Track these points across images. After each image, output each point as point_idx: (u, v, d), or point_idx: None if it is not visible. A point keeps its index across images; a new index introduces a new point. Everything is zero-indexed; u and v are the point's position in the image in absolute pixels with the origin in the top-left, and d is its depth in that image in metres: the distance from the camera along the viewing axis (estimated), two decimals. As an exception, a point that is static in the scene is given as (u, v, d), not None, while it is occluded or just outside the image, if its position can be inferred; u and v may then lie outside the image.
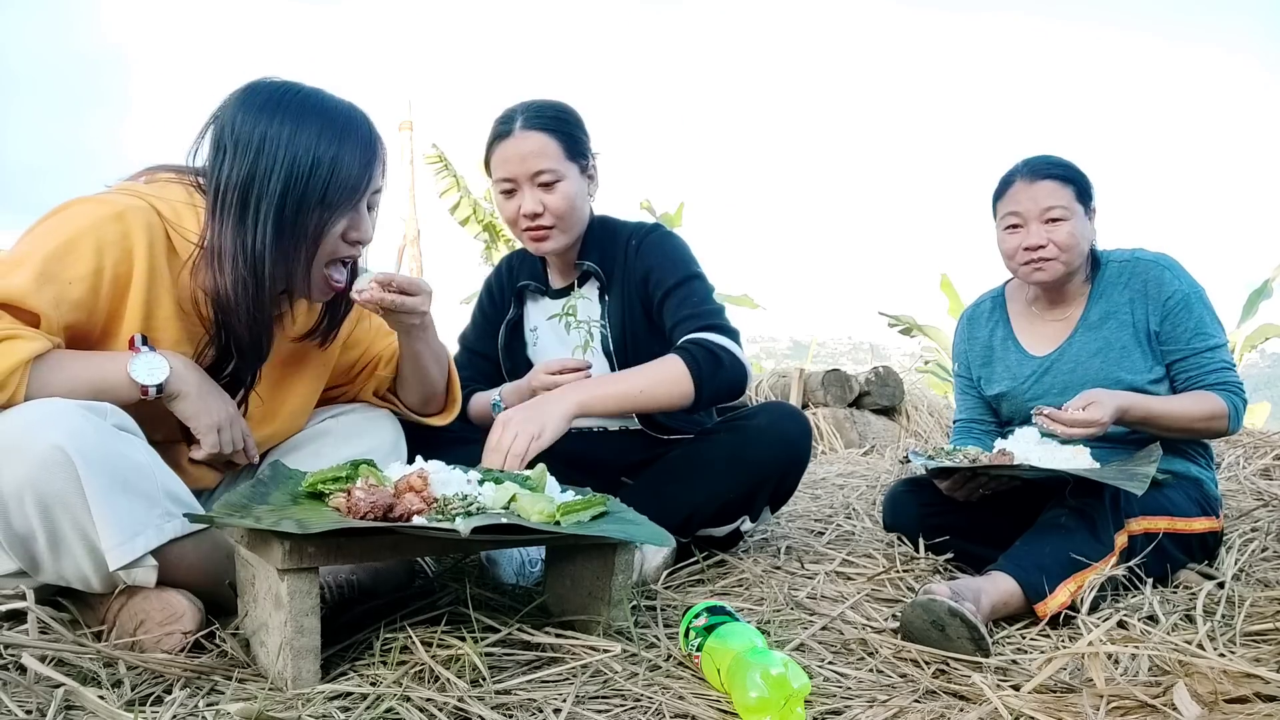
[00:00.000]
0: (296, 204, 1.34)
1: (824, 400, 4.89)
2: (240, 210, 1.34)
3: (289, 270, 1.38)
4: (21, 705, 1.06)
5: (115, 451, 1.21)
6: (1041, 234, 1.83)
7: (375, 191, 1.45)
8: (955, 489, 1.81)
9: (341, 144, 1.36)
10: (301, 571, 1.13)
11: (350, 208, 1.39)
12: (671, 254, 1.88)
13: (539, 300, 2.03)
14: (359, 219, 1.42)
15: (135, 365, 1.31)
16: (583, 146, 1.86)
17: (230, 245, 1.34)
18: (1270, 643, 1.36)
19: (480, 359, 2.08)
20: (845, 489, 2.96)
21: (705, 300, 1.82)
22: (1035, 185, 1.84)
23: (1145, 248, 1.92)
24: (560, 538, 1.27)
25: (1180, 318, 1.81)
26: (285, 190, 1.33)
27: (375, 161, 1.42)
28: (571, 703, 1.11)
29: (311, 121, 1.35)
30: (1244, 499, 2.51)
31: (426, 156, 10.38)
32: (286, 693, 1.11)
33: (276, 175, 1.33)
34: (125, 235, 1.31)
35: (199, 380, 1.38)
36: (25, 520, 1.17)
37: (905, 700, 1.16)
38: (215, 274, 1.35)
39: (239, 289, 1.35)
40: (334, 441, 1.61)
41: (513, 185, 1.82)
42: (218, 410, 1.40)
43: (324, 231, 1.38)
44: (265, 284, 1.36)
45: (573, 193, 1.82)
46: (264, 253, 1.34)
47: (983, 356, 2.07)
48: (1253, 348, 8.12)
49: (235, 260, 1.34)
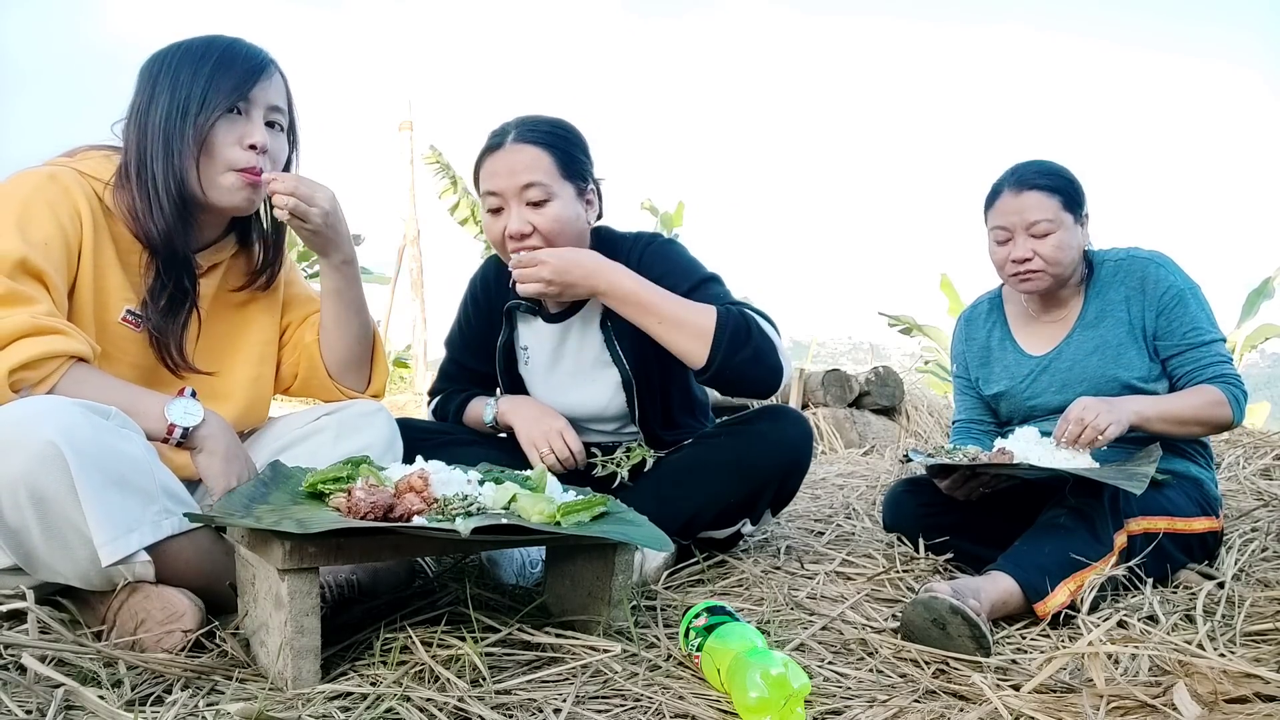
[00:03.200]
0: (181, 112, 1.44)
1: (824, 400, 4.89)
2: (139, 130, 1.46)
3: (181, 175, 1.45)
4: (21, 705, 1.05)
5: (111, 447, 1.21)
6: (1027, 247, 1.82)
7: (272, 108, 1.50)
8: (955, 488, 1.81)
9: (222, 58, 1.47)
10: (302, 571, 1.13)
11: (232, 108, 1.46)
12: (679, 259, 1.80)
13: (531, 321, 1.91)
14: (251, 127, 1.48)
15: (173, 405, 1.38)
16: (581, 167, 1.74)
17: (134, 160, 1.45)
18: (1270, 643, 1.36)
19: (469, 371, 2.03)
20: (845, 489, 2.96)
21: (726, 295, 1.73)
22: (1021, 197, 1.83)
23: (1140, 246, 1.92)
24: (560, 538, 1.27)
25: (1175, 313, 1.81)
26: (170, 102, 1.44)
27: (260, 72, 1.49)
28: (571, 703, 1.11)
29: (200, 48, 1.48)
30: (1244, 499, 2.51)
31: (425, 157, 10.39)
32: (286, 693, 1.11)
33: (165, 93, 1.45)
34: (66, 191, 1.41)
35: (228, 442, 1.44)
36: (19, 515, 1.17)
37: (905, 700, 1.16)
38: (123, 189, 1.46)
39: (143, 196, 1.44)
40: (330, 438, 1.61)
41: (499, 201, 1.69)
42: (236, 474, 1.44)
43: (205, 132, 1.44)
44: (167, 190, 1.44)
45: (565, 216, 1.68)
46: (156, 160, 1.44)
47: (980, 357, 2.07)
48: (1253, 348, 8.12)
49: (139, 171, 1.44)
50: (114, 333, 1.47)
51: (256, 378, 1.66)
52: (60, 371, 1.31)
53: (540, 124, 1.73)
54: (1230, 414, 1.75)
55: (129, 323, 1.48)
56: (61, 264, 1.38)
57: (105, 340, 1.45)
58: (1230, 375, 1.78)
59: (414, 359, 8.97)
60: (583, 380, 1.88)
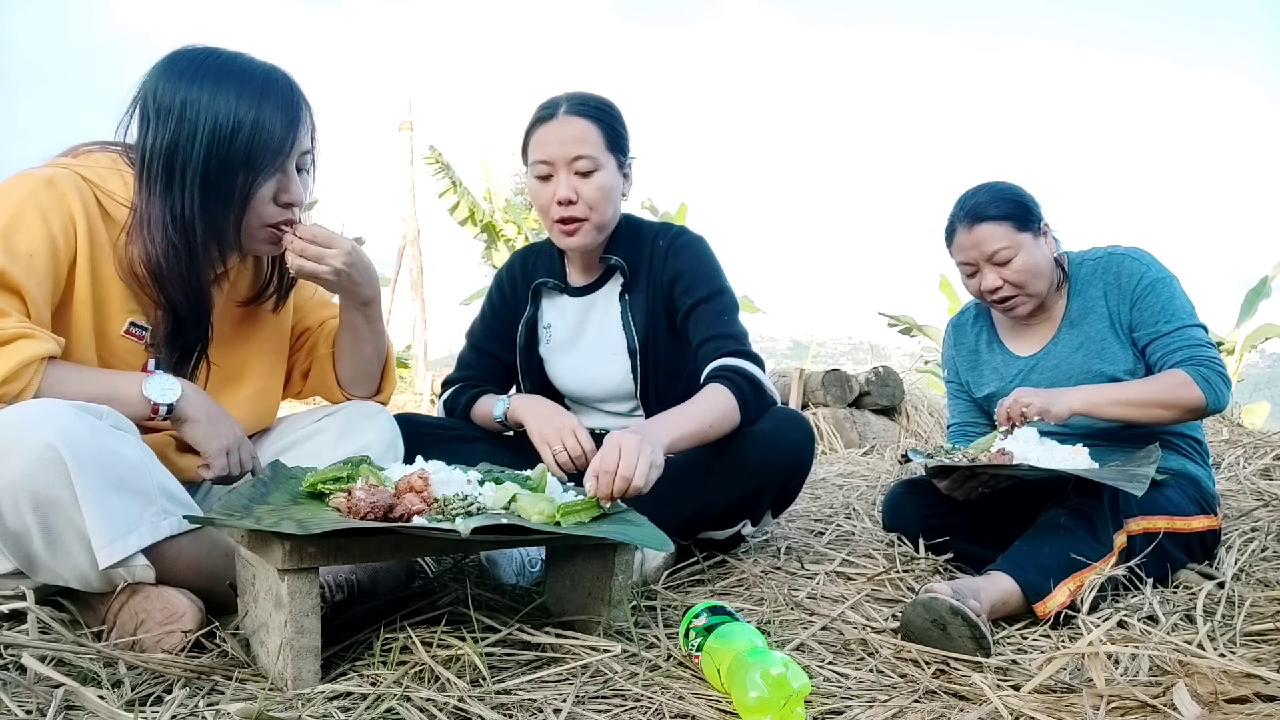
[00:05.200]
0: (220, 167, 1.35)
1: (824, 400, 4.89)
2: (166, 177, 1.35)
3: (219, 235, 1.39)
4: (21, 705, 1.05)
5: (109, 450, 1.21)
6: (994, 277, 1.85)
7: (304, 153, 1.45)
8: (954, 488, 1.81)
9: (262, 105, 1.37)
10: (302, 571, 1.13)
11: (276, 169, 1.40)
12: (704, 261, 1.88)
13: (556, 298, 2.01)
14: (288, 181, 1.43)
15: (149, 384, 1.36)
16: (623, 141, 1.84)
17: (159, 212, 1.36)
18: (1270, 643, 1.36)
19: (488, 358, 2.06)
20: (845, 489, 2.96)
21: (734, 321, 1.83)
22: (974, 231, 1.85)
23: (1119, 245, 1.93)
24: (560, 538, 1.27)
25: (1147, 302, 1.81)
26: (208, 154, 1.34)
27: (299, 122, 1.42)
28: (571, 703, 1.11)
29: (230, 84, 1.36)
30: (1244, 499, 2.51)
31: (425, 157, 10.39)
32: (286, 693, 1.11)
33: (199, 140, 1.34)
34: (62, 198, 1.34)
35: (207, 405, 1.43)
36: (20, 519, 1.17)
37: (905, 700, 1.16)
38: (146, 243, 1.37)
39: (170, 256, 1.37)
40: (331, 438, 1.61)
41: (549, 169, 1.78)
42: (226, 434, 1.43)
43: (250, 194, 1.39)
44: (196, 249, 1.38)
45: (609, 185, 1.80)
46: (193, 218, 1.36)
47: (970, 360, 2.08)
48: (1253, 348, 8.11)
49: (165, 227, 1.36)
50: (117, 345, 1.43)
51: (263, 390, 1.63)
52: (38, 376, 1.27)
53: (589, 99, 1.82)
54: (1199, 395, 1.70)
55: (133, 335, 1.44)
56: (46, 276, 1.32)
57: (107, 351, 1.42)
58: (1202, 358, 1.75)
59: (414, 359, 8.97)
60: (600, 354, 1.94)
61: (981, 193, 1.88)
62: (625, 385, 1.92)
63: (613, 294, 1.94)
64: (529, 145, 1.83)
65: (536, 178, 1.81)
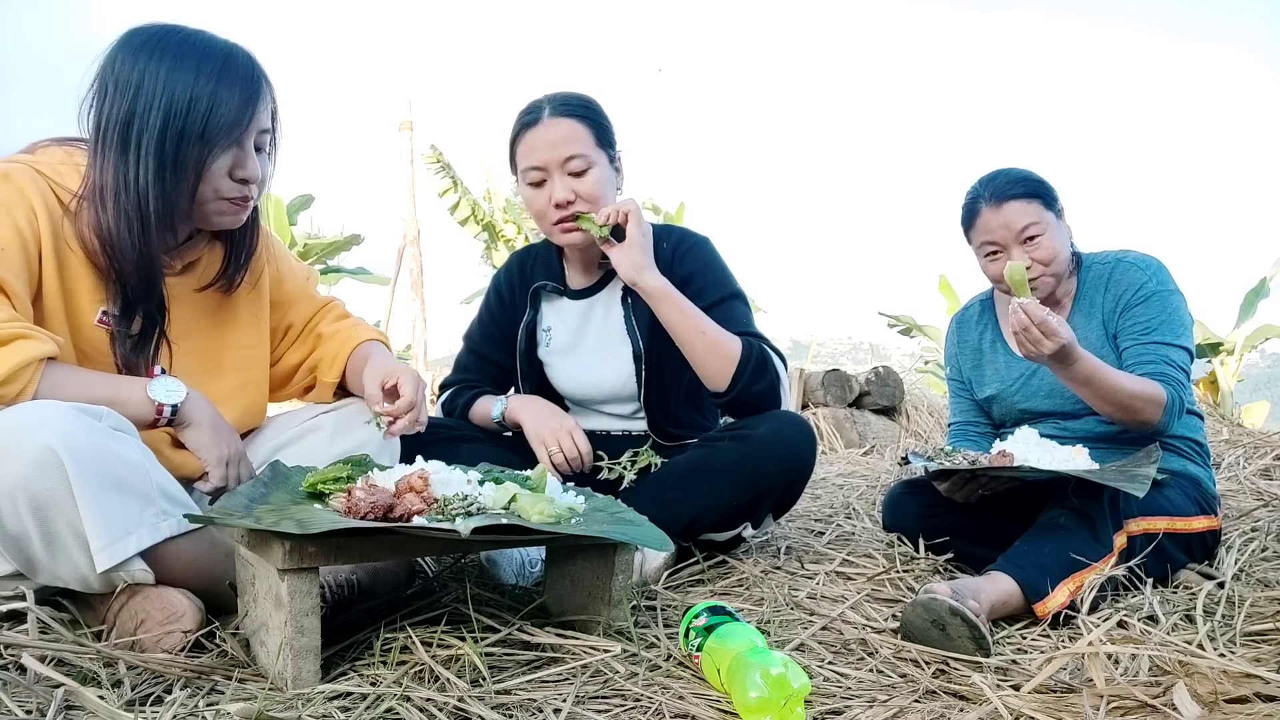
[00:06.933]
0: (176, 139, 1.34)
1: (824, 400, 4.89)
2: (121, 146, 1.34)
3: (171, 205, 1.38)
4: (21, 705, 1.06)
5: (108, 451, 1.21)
6: (1023, 256, 1.83)
7: (263, 131, 1.44)
8: (954, 490, 1.81)
9: (220, 81, 1.36)
10: (302, 571, 1.13)
11: (232, 143, 1.39)
12: (714, 265, 1.89)
13: (556, 301, 1.99)
14: (244, 156, 1.42)
15: (154, 385, 1.36)
16: (610, 136, 1.84)
17: (113, 180, 1.35)
18: (1270, 643, 1.36)
19: (486, 362, 2.06)
20: (845, 489, 2.96)
21: (752, 322, 1.84)
22: (1003, 210, 1.83)
23: (1132, 250, 1.92)
24: (560, 538, 1.27)
25: (1136, 311, 1.80)
26: (164, 125, 1.34)
27: (258, 98, 1.41)
28: (571, 703, 1.11)
29: (189, 59, 1.35)
30: (1244, 499, 2.51)
31: (425, 157, 10.37)
32: (286, 693, 1.11)
33: (155, 111, 1.33)
34: (20, 191, 1.34)
35: (212, 414, 1.43)
36: (19, 522, 1.17)
37: (905, 700, 1.16)
38: (98, 211, 1.36)
39: (121, 223, 1.36)
40: (326, 436, 1.61)
41: (542, 174, 1.78)
42: (227, 445, 1.43)
43: (205, 167, 1.38)
44: (150, 219, 1.36)
45: (604, 180, 1.79)
46: (146, 188, 1.35)
47: (973, 359, 2.08)
48: (1252, 348, 8.10)
49: (118, 195, 1.35)
50: (91, 335, 1.41)
51: (245, 385, 1.60)
52: (37, 377, 1.27)
53: (571, 98, 1.82)
54: (1159, 414, 1.69)
55: (106, 324, 1.42)
56: (20, 269, 1.31)
57: (82, 343, 1.41)
58: (1173, 379, 1.72)
59: (414, 359, 8.97)
60: (603, 356, 1.94)
61: (1003, 175, 1.87)
62: (628, 387, 1.92)
63: (614, 296, 1.93)
64: (517, 153, 1.82)
65: (529, 184, 1.80)
